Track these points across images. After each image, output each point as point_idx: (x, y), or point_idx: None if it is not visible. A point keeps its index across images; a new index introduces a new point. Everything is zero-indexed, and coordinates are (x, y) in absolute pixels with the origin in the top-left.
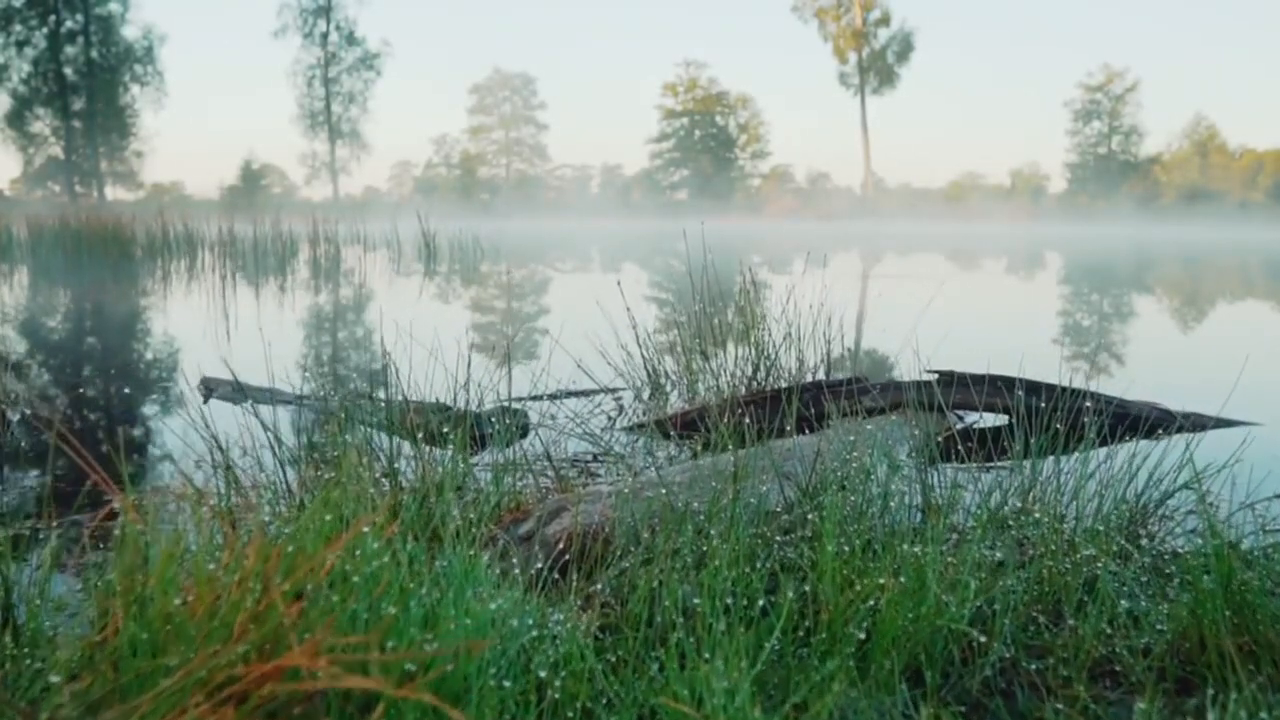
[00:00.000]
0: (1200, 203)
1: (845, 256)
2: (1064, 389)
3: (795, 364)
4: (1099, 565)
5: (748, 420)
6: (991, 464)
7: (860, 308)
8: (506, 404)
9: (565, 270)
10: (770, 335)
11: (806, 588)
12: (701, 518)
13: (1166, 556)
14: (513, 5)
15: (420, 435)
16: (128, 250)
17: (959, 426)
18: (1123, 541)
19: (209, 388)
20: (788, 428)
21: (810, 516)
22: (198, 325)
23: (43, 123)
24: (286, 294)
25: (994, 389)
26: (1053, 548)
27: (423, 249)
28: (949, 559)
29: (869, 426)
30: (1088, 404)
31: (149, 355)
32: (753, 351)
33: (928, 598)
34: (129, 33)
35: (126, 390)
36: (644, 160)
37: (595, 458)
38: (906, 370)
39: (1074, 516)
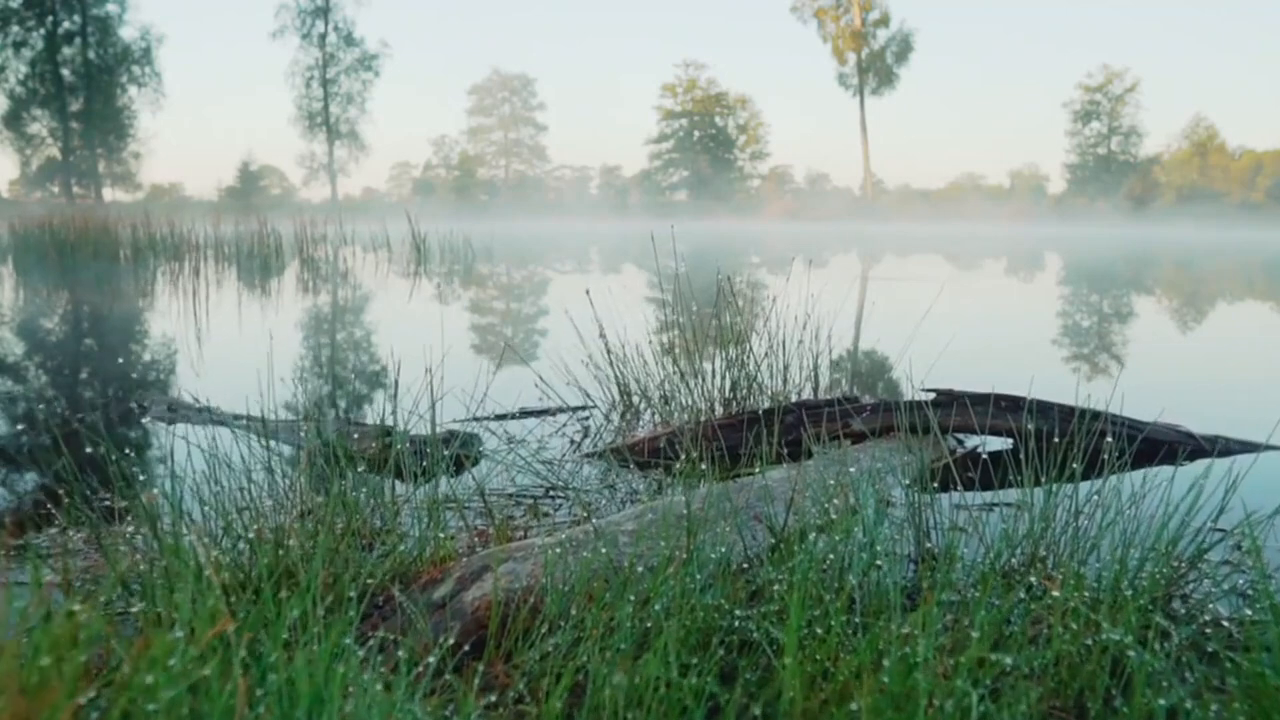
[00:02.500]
0: (1200, 203)
1: (843, 258)
2: (1081, 411)
3: (780, 381)
4: (1130, 649)
5: (717, 448)
6: (996, 503)
7: (856, 315)
8: (447, 426)
9: (557, 273)
10: (752, 349)
11: (760, 709)
12: (647, 585)
13: (1208, 628)
14: (512, 6)
15: (340, 461)
16: (110, 253)
17: (959, 453)
18: (1159, 619)
19: (143, 406)
20: (757, 469)
21: (777, 588)
22: (161, 334)
23: (40, 124)
24: (263, 300)
25: (998, 411)
26: (1074, 626)
27: (413, 251)
28: (946, 655)
29: (857, 457)
30: (1108, 440)
31: (93, 367)
32: (733, 368)
33: (917, 715)
34: (126, 33)
35: (52, 408)
36: (643, 161)
37: (547, 492)
38: (901, 387)
39: (1094, 573)
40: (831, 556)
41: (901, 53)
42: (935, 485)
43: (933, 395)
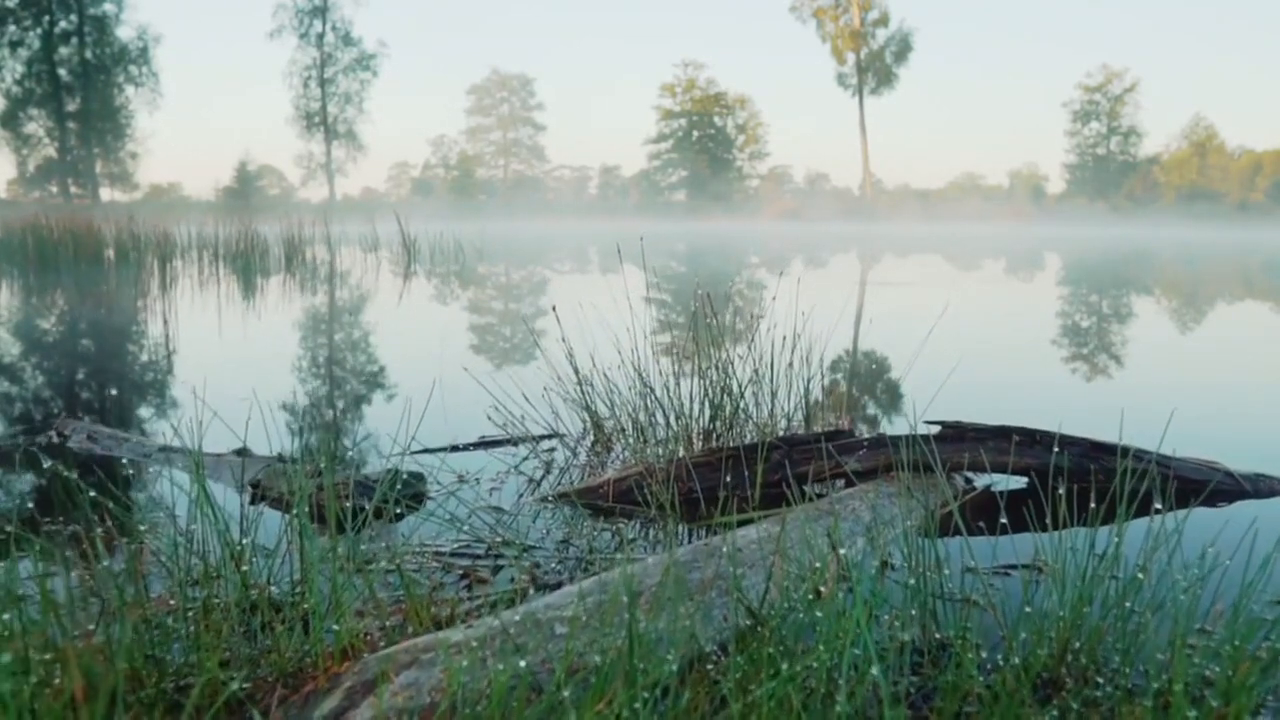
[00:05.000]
0: (1199, 203)
1: (841, 259)
2: (1115, 449)
3: (767, 410)
4: None
5: (692, 490)
6: (1015, 563)
7: (854, 328)
8: (394, 456)
9: (551, 275)
10: (735, 373)
11: None
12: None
13: None
14: (511, 6)
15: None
16: (92, 255)
17: (969, 495)
18: None
19: (63, 434)
20: (734, 517)
21: None
22: (115, 345)
23: (37, 124)
24: (240, 307)
25: (1018, 448)
26: None
27: (403, 253)
28: None
29: (852, 504)
30: (1156, 508)
31: (26, 383)
32: (713, 390)
33: None
34: (123, 33)
35: None
36: (642, 161)
37: (489, 550)
38: (903, 415)
39: (1142, 678)
40: (814, 664)
41: (901, 52)
42: (941, 534)
43: (937, 429)
